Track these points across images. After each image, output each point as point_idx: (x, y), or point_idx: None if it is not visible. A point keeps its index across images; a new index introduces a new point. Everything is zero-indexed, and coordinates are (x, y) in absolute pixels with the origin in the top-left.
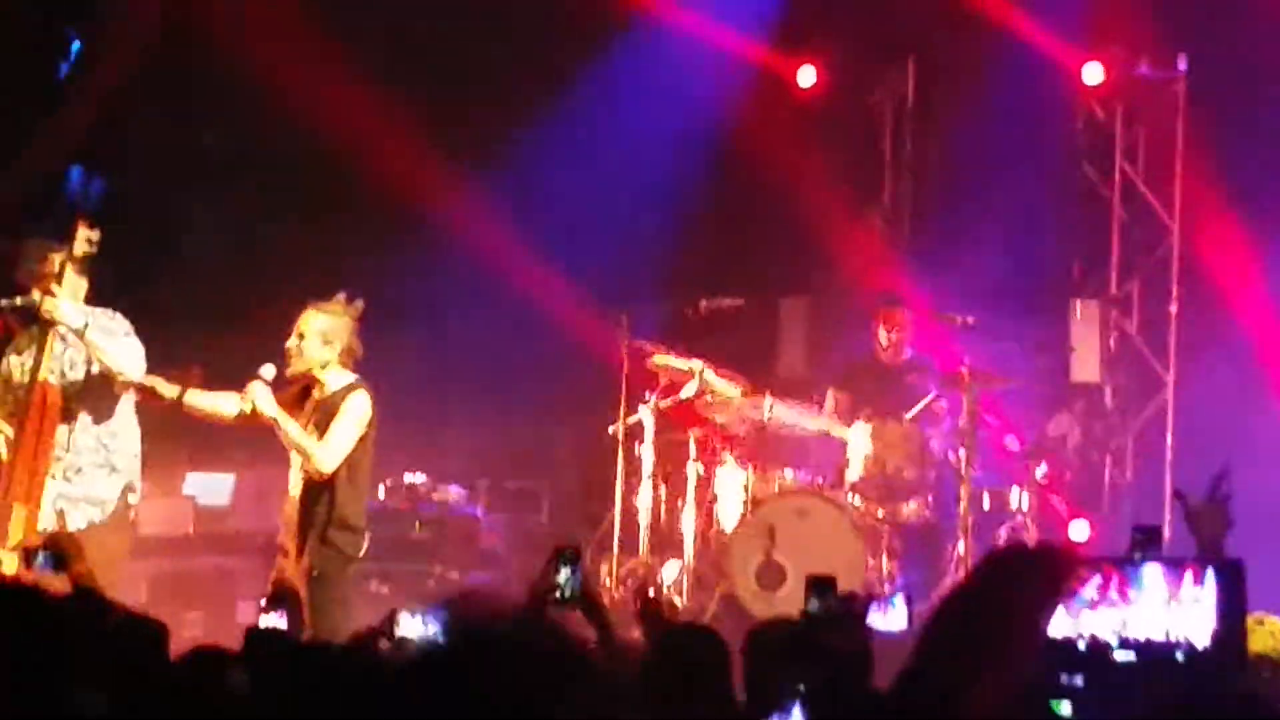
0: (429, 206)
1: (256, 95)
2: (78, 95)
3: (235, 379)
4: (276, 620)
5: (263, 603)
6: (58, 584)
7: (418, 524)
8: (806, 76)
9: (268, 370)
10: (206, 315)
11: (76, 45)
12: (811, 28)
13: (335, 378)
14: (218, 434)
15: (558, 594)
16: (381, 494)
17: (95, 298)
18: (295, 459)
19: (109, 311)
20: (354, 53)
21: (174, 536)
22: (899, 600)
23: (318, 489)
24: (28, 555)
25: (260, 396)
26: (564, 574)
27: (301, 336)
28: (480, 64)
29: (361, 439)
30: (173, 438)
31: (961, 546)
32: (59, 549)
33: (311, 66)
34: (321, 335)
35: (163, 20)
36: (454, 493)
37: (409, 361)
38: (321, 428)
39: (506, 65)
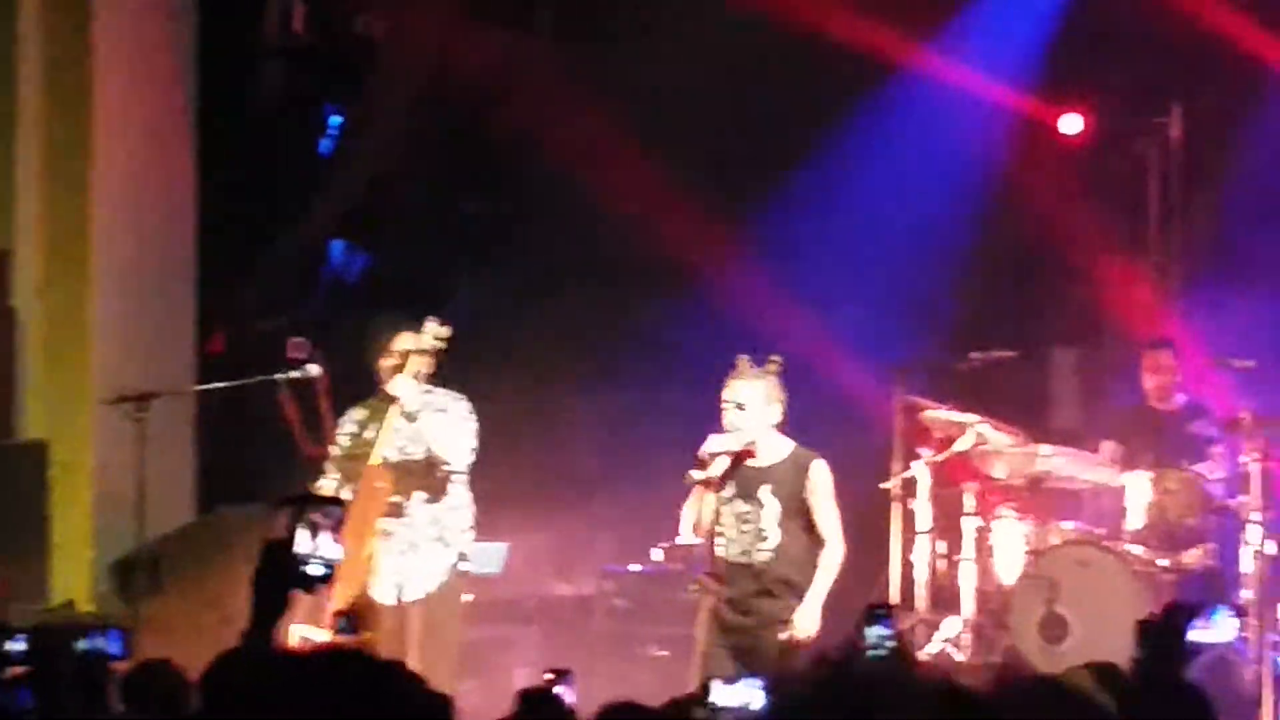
0: (688, 266)
1: (517, 162)
2: (339, 170)
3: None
4: (564, 690)
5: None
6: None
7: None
8: (1072, 124)
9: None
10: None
11: (337, 120)
12: (1076, 76)
13: (773, 443)
14: (487, 501)
15: (871, 651)
16: (658, 556)
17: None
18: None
19: (452, 393)
20: (615, 111)
21: None
22: (1222, 613)
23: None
24: (335, 620)
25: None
26: (876, 631)
27: (742, 407)
28: (741, 118)
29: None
30: None
31: (1248, 594)
32: (356, 616)
33: (573, 128)
34: (765, 397)
35: (423, 91)
36: None
37: (672, 418)
38: (784, 502)
39: (768, 119)
